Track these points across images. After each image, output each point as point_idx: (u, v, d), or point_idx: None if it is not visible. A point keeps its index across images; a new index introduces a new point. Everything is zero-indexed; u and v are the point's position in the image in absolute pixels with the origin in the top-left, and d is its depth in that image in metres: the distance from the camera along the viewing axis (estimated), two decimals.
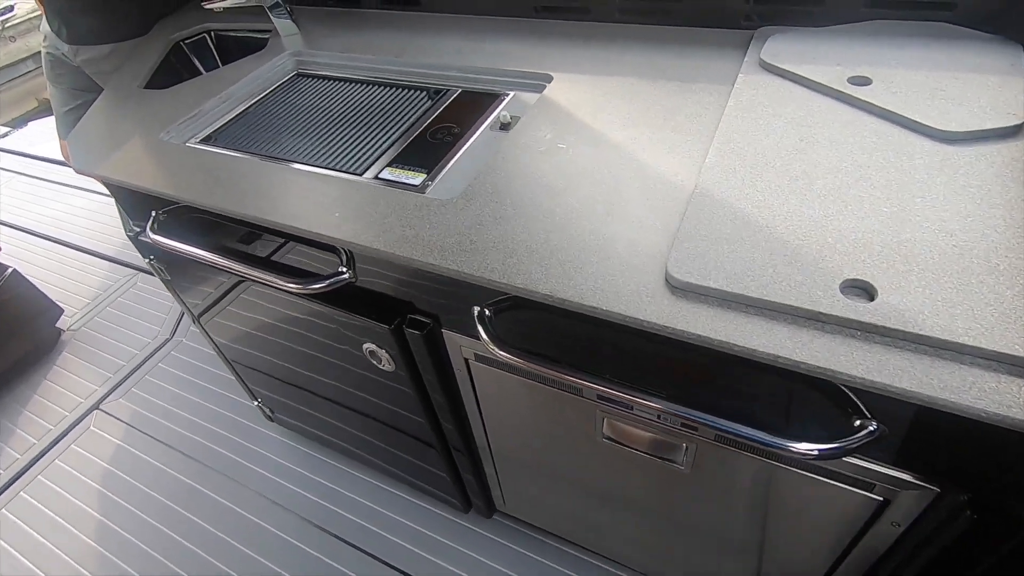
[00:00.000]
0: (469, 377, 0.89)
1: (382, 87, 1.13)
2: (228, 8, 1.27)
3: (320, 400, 1.26)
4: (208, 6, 1.25)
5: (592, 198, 0.73)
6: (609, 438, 0.81)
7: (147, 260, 1.14)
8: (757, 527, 0.84)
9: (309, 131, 1.04)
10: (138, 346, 2.03)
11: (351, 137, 1.01)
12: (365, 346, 0.93)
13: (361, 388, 1.10)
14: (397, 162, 0.92)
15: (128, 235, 1.12)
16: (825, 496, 0.70)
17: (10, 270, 1.94)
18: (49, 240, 2.60)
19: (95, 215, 2.71)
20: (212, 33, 1.49)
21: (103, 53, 1.45)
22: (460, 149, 0.92)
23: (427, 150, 0.94)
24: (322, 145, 1.00)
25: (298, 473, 1.57)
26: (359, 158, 0.95)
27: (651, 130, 0.83)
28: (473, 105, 1.02)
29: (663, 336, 0.59)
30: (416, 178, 0.88)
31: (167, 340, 2.03)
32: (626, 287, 0.62)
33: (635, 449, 0.80)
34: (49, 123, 3.82)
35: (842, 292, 0.56)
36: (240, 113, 1.13)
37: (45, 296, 2.05)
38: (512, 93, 1.03)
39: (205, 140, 1.07)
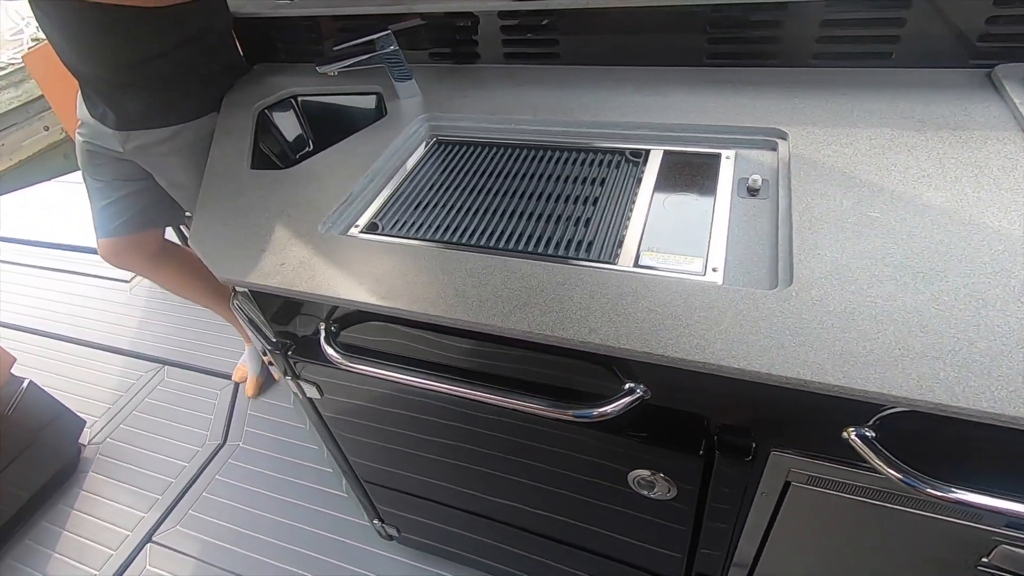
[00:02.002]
0: (778, 500, 0.72)
1: (557, 151, 0.98)
2: (343, 71, 1.10)
3: (494, 525, 1.06)
4: (323, 70, 1.08)
5: (980, 281, 0.60)
6: (992, 566, 0.66)
7: (289, 378, 0.93)
8: None
9: (494, 209, 0.88)
10: (184, 456, 1.74)
11: (555, 214, 0.85)
12: (634, 474, 0.75)
13: (588, 517, 0.91)
14: (651, 244, 0.76)
15: (268, 349, 0.91)
16: None
17: (26, 382, 1.64)
18: (49, 337, 2.26)
19: (96, 303, 2.40)
20: (297, 99, 1.31)
21: (160, 137, 1.25)
22: (716, 223, 0.78)
23: (674, 226, 0.79)
24: (520, 225, 0.84)
25: None
26: (587, 240, 0.79)
27: (972, 189, 0.71)
28: (689, 168, 0.89)
29: None
30: (691, 263, 0.72)
31: (220, 445, 1.75)
32: None
33: None
34: (20, 197, 3.46)
35: None
36: (395, 192, 0.95)
37: (65, 408, 1.74)
38: (731, 152, 0.90)
39: (370, 229, 0.88)
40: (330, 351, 0.80)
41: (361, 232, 0.88)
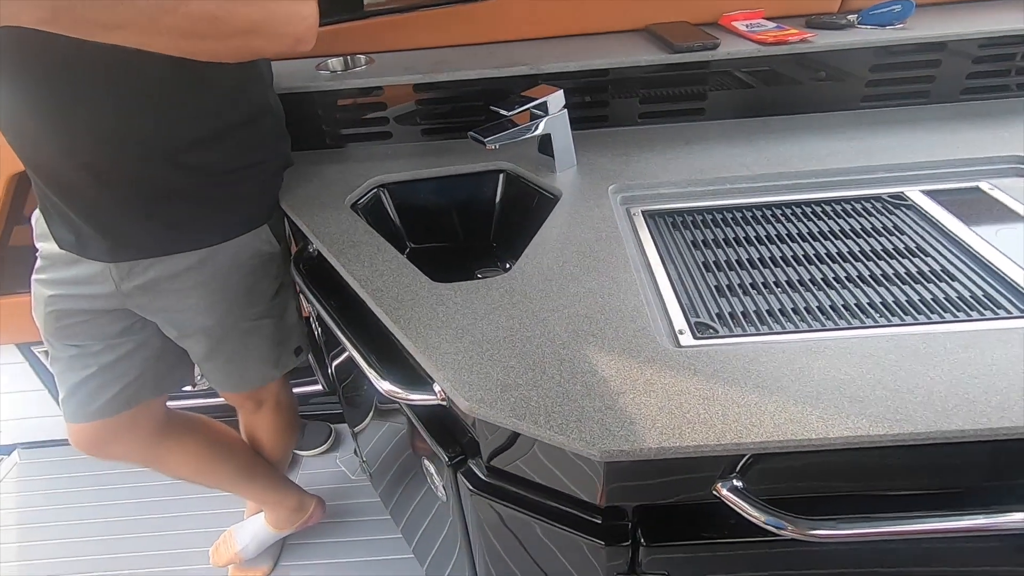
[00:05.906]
0: None
1: (801, 207, 0.86)
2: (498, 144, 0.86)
3: None
4: (490, 142, 0.83)
5: None
6: None
7: None
8: None
9: (796, 279, 0.72)
10: None
11: (875, 273, 0.72)
12: None
13: None
14: None
15: (591, 543, 0.58)
16: None
17: None
18: None
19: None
20: (386, 189, 1.00)
21: (183, 266, 0.85)
22: None
23: None
24: (858, 294, 0.69)
25: None
26: (973, 295, 0.67)
27: None
28: (964, 204, 0.83)
29: None
30: None
31: None
32: None
33: None
34: None
35: None
36: (668, 282, 0.73)
37: None
38: (983, 183, 0.87)
39: (701, 330, 0.65)
40: (760, 516, 0.53)
41: (702, 339, 0.64)
